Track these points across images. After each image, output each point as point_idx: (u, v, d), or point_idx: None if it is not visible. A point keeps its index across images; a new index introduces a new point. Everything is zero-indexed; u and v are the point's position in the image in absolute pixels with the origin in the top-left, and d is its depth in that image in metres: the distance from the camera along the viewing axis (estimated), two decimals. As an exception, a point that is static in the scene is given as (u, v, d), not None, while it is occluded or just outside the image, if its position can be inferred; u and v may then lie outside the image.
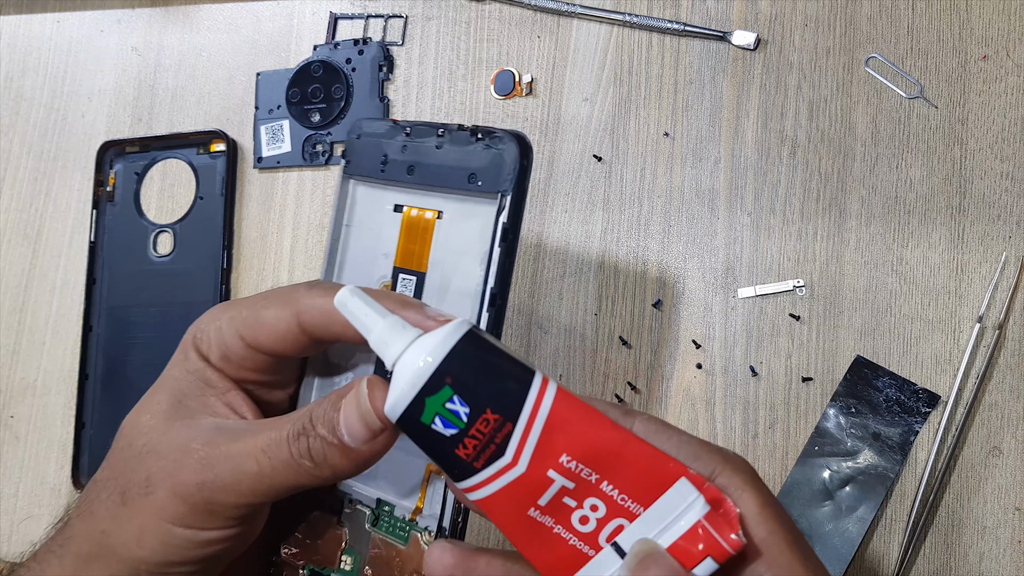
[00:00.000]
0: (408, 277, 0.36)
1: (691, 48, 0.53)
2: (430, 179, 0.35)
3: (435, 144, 0.35)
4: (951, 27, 0.49)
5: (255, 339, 0.33)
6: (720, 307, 0.51)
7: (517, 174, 0.33)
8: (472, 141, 0.34)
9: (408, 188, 0.36)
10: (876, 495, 0.46)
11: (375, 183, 0.37)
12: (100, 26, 0.67)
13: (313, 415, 0.31)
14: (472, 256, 0.34)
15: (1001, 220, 0.47)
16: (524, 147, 0.33)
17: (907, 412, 0.47)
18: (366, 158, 0.37)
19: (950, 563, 0.45)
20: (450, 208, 0.35)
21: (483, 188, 0.33)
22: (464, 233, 0.35)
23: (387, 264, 0.37)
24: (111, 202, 0.64)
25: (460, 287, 0.35)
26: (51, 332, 0.64)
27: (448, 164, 0.34)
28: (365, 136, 0.37)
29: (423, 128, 0.35)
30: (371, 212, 0.37)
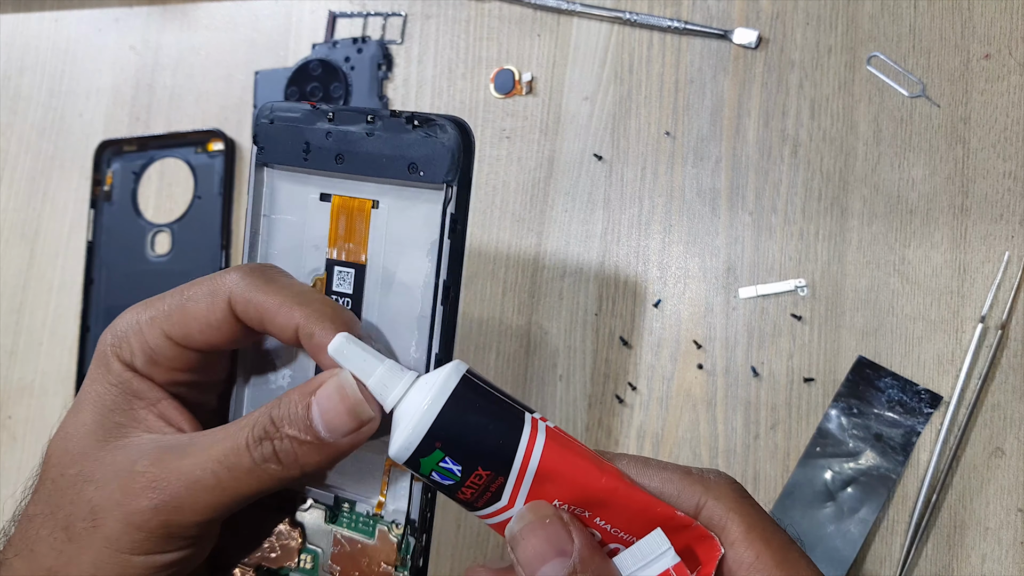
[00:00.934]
0: (345, 270, 0.35)
1: (692, 47, 0.53)
2: (362, 168, 0.33)
3: (364, 131, 0.33)
4: (953, 26, 0.49)
5: (185, 334, 0.31)
6: (721, 307, 0.50)
7: (463, 163, 0.32)
8: (408, 129, 0.32)
9: (335, 177, 0.34)
10: (878, 496, 0.46)
11: (296, 171, 0.35)
12: (98, 25, 0.67)
13: (274, 416, 0.30)
14: (417, 247, 0.33)
15: (1004, 219, 0.47)
16: (467, 134, 0.32)
17: (909, 413, 0.47)
18: (283, 145, 0.34)
19: (952, 564, 0.45)
20: (387, 198, 0.33)
21: (425, 178, 0.32)
22: (405, 224, 0.33)
23: (318, 256, 0.35)
24: (109, 202, 0.63)
25: (406, 280, 0.34)
26: (49, 332, 0.64)
27: (383, 153, 0.33)
28: (280, 121, 0.34)
29: (348, 114, 0.33)
30: (293, 201, 0.35)
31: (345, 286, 0.34)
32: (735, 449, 0.49)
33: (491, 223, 0.56)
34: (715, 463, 0.49)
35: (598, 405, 0.52)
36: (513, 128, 0.56)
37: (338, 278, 0.35)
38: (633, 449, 0.50)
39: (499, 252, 0.55)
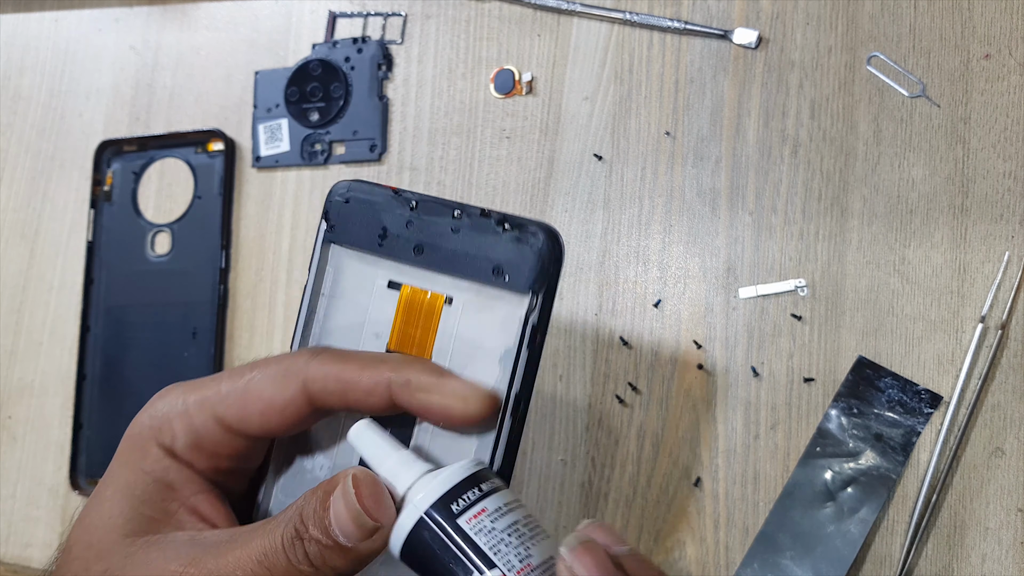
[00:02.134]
0: None
1: (692, 47, 0.53)
2: (442, 264, 0.31)
3: (450, 226, 0.31)
4: (953, 26, 0.49)
5: (242, 417, 0.29)
6: (721, 307, 0.50)
7: (552, 273, 0.30)
8: (498, 231, 0.31)
9: (408, 266, 0.32)
10: (878, 496, 0.46)
11: (367, 254, 0.33)
12: (98, 25, 0.67)
13: (303, 514, 0.28)
14: (488, 352, 0.31)
15: (1004, 220, 0.47)
16: (558, 245, 0.31)
17: (909, 413, 0.47)
18: (358, 226, 0.33)
19: (952, 565, 0.45)
20: (462, 296, 0.32)
21: (510, 284, 0.30)
22: (479, 326, 0.32)
23: (378, 345, 0.33)
24: (109, 202, 0.63)
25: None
26: (48, 332, 0.64)
27: (467, 251, 0.31)
28: (356, 201, 0.33)
29: (434, 205, 0.32)
30: (358, 285, 0.33)
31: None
32: (735, 449, 0.49)
33: (491, 223, 0.56)
34: (715, 463, 0.49)
35: (598, 405, 0.51)
36: (513, 128, 0.56)
37: None
38: (633, 449, 0.50)
39: (499, 252, 0.55)
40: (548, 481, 0.52)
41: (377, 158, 0.58)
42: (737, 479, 0.48)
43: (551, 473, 0.52)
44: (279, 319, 0.59)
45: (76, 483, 0.60)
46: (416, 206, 0.32)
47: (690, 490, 0.49)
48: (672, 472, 0.50)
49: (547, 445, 0.52)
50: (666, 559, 0.49)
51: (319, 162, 0.60)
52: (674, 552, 0.49)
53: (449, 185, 0.57)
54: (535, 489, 0.52)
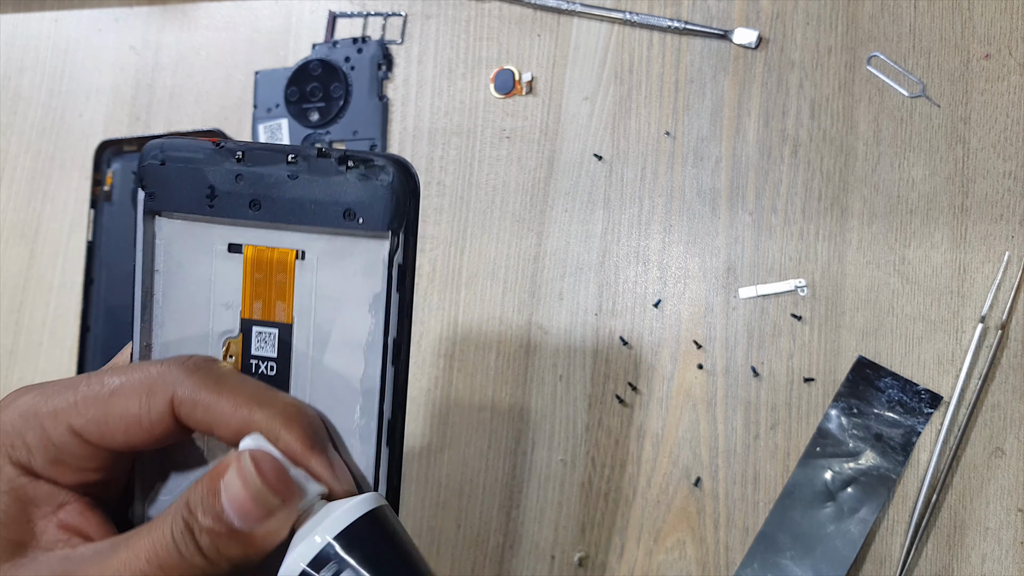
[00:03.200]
0: (266, 330, 0.30)
1: (692, 47, 0.53)
2: (285, 216, 0.29)
3: (286, 173, 0.29)
4: (953, 26, 0.49)
5: (103, 433, 0.27)
6: (721, 307, 0.50)
7: (410, 208, 0.29)
8: (341, 171, 0.28)
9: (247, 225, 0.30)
10: (878, 496, 0.46)
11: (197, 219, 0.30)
12: (98, 25, 0.67)
13: (190, 503, 0.25)
14: (356, 301, 0.29)
15: (1004, 220, 0.47)
16: (411, 176, 0.29)
17: (909, 413, 0.47)
18: (181, 189, 0.29)
19: (952, 565, 0.45)
20: (315, 247, 0.29)
21: (365, 226, 0.28)
22: (340, 276, 0.29)
23: (231, 316, 0.30)
24: (109, 202, 0.63)
25: (345, 338, 0.30)
26: (49, 332, 0.64)
27: (311, 197, 0.29)
28: (174, 162, 0.29)
29: (262, 153, 0.29)
30: (195, 254, 0.30)
31: (268, 349, 0.30)
32: (735, 449, 0.49)
33: (491, 223, 0.56)
34: (715, 463, 0.49)
35: (598, 405, 0.52)
36: (513, 128, 0.56)
37: (258, 340, 0.30)
38: (633, 449, 0.50)
39: (499, 252, 0.55)
40: (548, 481, 0.52)
41: (377, 158, 0.58)
42: (737, 479, 0.49)
43: (551, 473, 0.52)
44: (279, 319, 0.59)
45: (76, 483, 0.60)
46: (243, 156, 0.29)
47: (690, 490, 0.49)
48: (672, 472, 0.50)
49: (547, 445, 0.52)
50: (666, 559, 0.49)
51: (319, 162, 0.60)
52: (674, 552, 0.49)
53: (449, 185, 0.57)
54: (535, 489, 0.52)
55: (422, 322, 0.56)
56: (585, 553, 0.51)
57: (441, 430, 0.54)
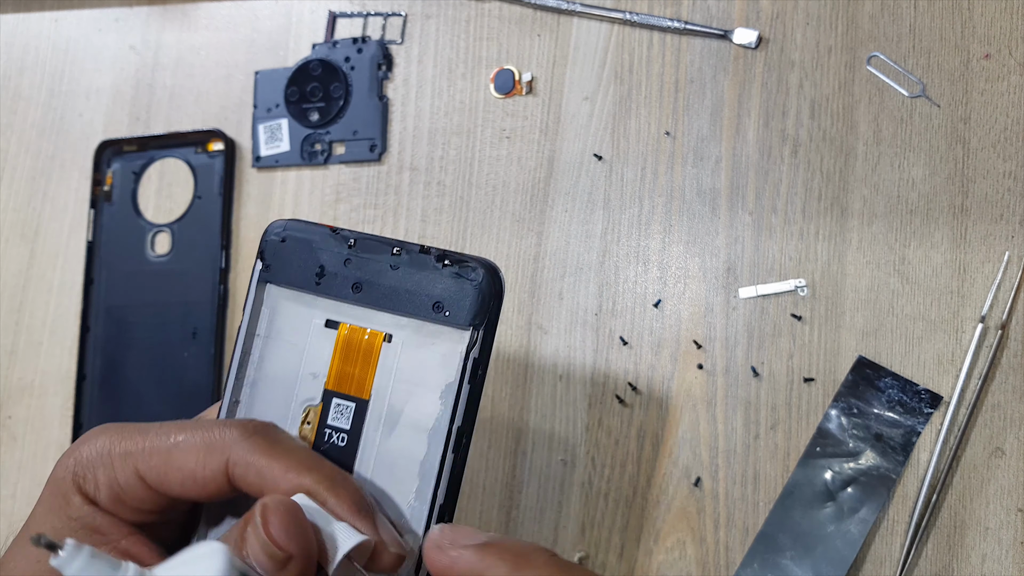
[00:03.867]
0: (344, 403, 0.32)
1: (692, 47, 0.53)
2: (381, 301, 0.31)
3: (389, 263, 0.31)
4: (953, 25, 0.49)
5: (163, 484, 0.28)
6: (721, 307, 0.50)
7: (492, 308, 0.31)
8: (438, 267, 0.31)
9: (346, 303, 0.32)
10: (878, 496, 0.46)
11: (303, 293, 0.33)
12: (98, 25, 0.67)
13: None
14: (429, 387, 0.31)
15: (1004, 219, 0.47)
16: (498, 279, 0.31)
17: (909, 413, 0.47)
18: (294, 265, 0.32)
19: (952, 564, 0.45)
20: (402, 333, 0.32)
21: (450, 319, 0.31)
22: (420, 361, 0.31)
23: (315, 386, 0.32)
24: (109, 202, 0.63)
25: (413, 420, 0.31)
26: (48, 332, 0.64)
27: (407, 288, 0.31)
28: (292, 240, 0.32)
29: (372, 243, 0.32)
30: (295, 325, 0.33)
31: (342, 420, 0.32)
32: (735, 449, 0.49)
33: (491, 223, 0.56)
34: (715, 463, 0.49)
35: (598, 405, 0.51)
36: (513, 128, 0.56)
37: (335, 411, 0.32)
38: (633, 449, 0.50)
39: (499, 252, 0.55)
40: (548, 481, 0.52)
41: (377, 158, 0.58)
42: (737, 479, 0.49)
43: (551, 473, 0.52)
44: (279, 319, 0.59)
45: (76, 483, 0.60)
46: (354, 244, 0.32)
47: (690, 490, 0.49)
48: (672, 472, 0.50)
49: (547, 445, 0.52)
50: (666, 559, 0.49)
51: (319, 162, 0.60)
52: (674, 552, 0.49)
53: (449, 185, 0.57)
54: (535, 489, 0.52)
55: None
56: (585, 553, 0.51)
57: (441, 430, 0.54)
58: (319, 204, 0.59)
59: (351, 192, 0.59)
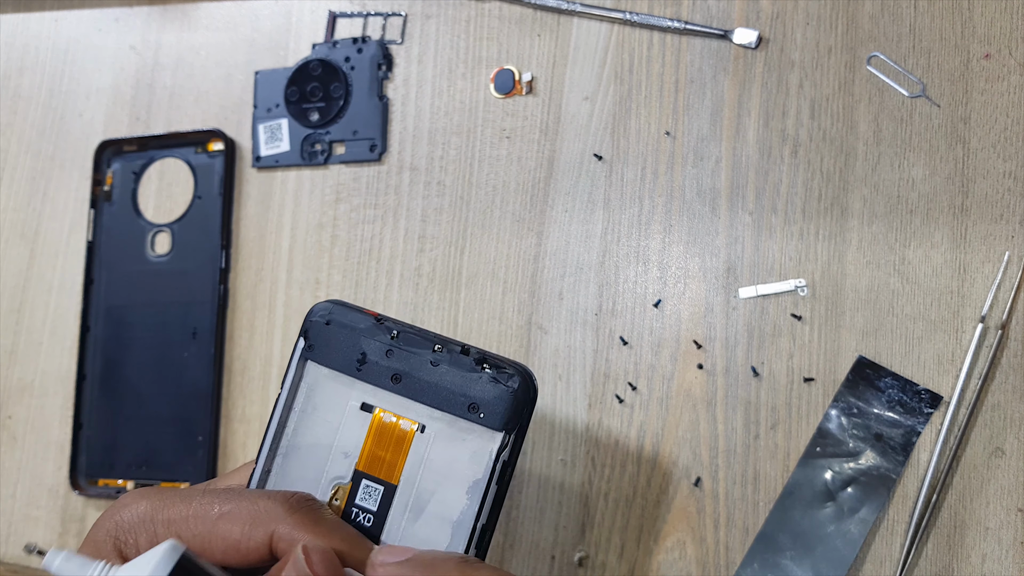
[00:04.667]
0: (374, 485, 0.33)
1: (692, 46, 0.53)
2: (418, 394, 0.33)
3: (430, 360, 0.33)
4: (953, 26, 0.49)
5: (206, 551, 0.29)
6: (721, 307, 0.50)
7: (525, 415, 0.32)
8: (476, 369, 0.32)
9: (384, 391, 0.33)
10: (879, 496, 0.46)
11: (343, 375, 0.34)
12: (98, 25, 0.67)
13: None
14: (457, 482, 0.32)
15: (1004, 219, 0.47)
16: (533, 388, 0.33)
17: (909, 413, 0.47)
18: (337, 349, 0.34)
19: (952, 564, 0.45)
20: (435, 425, 0.33)
21: (484, 421, 0.32)
22: (449, 456, 0.33)
23: (347, 465, 0.33)
24: (109, 202, 0.63)
25: (438, 511, 0.33)
26: (48, 332, 0.64)
27: (444, 385, 0.32)
28: (337, 325, 0.34)
29: (415, 337, 0.33)
30: (332, 404, 0.34)
31: (370, 502, 0.33)
32: (735, 449, 0.49)
33: (491, 223, 0.56)
34: (715, 463, 0.49)
35: (598, 405, 0.52)
36: (513, 128, 0.56)
37: (363, 492, 0.33)
38: (633, 449, 0.50)
39: (499, 252, 0.55)
40: (548, 481, 0.52)
41: (377, 158, 0.58)
42: (737, 479, 0.49)
43: (551, 473, 0.52)
44: (279, 319, 0.59)
45: (76, 483, 0.60)
46: (397, 335, 0.33)
47: (690, 490, 0.49)
48: (672, 472, 0.50)
49: (547, 445, 0.52)
50: (666, 559, 0.49)
51: (319, 162, 0.60)
52: (674, 552, 0.49)
53: (449, 185, 0.57)
54: (535, 489, 0.52)
55: (422, 322, 0.56)
56: (585, 553, 0.51)
57: (441, 430, 0.54)
58: (319, 204, 0.59)
59: (351, 192, 0.59)
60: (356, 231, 0.58)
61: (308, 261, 0.59)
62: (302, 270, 0.59)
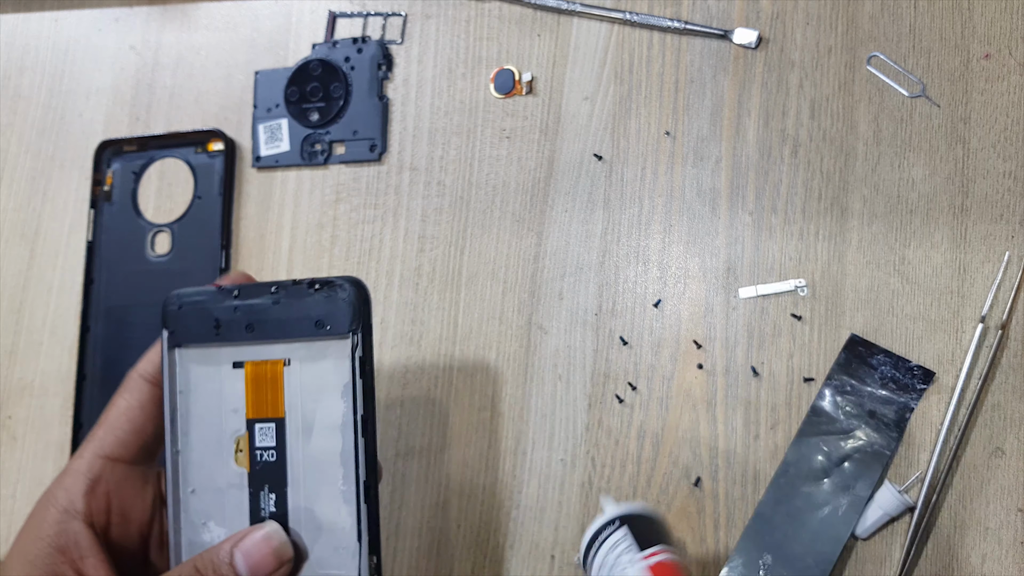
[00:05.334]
0: (265, 425, 0.37)
1: (692, 46, 0.53)
2: (272, 333, 0.37)
3: (271, 301, 0.37)
4: (953, 25, 0.49)
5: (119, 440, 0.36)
6: (721, 307, 0.50)
7: (364, 314, 0.36)
8: (311, 292, 0.36)
9: (245, 345, 0.37)
10: (872, 472, 0.46)
11: (208, 346, 0.38)
12: (98, 25, 0.67)
13: (200, 567, 0.34)
14: (331, 392, 0.36)
15: (1004, 219, 0.47)
16: (363, 289, 0.37)
17: (902, 389, 0.47)
18: (193, 325, 0.38)
19: (952, 564, 0.45)
20: (296, 354, 0.37)
21: (332, 331, 0.36)
22: (317, 374, 0.37)
23: (238, 418, 0.38)
24: (109, 201, 0.63)
25: (326, 421, 0.37)
26: (48, 332, 0.64)
27: (290, 316, 0.37)
28: (187, 305, 0.38)
29: (252, 288, 0.37)
30: (207, 374, 0.38)
31: (268, 440, 0.37)
32: (735, 449, 0.49)
33: (491, 223, 0.56)
34: (715, 463, 0.49)
35: (598, 405, 0.52)
36: (513, 128, 0.56)
37: (260, 434, 0.37)
38: (633, 449, 0.50)
39: (499, 252, 0.55)
40: (548, 481, 0.52)
41: (377, 158, 0.58)
42: (737, 479, 0.49)
43: (551, 473, 0.52)
44: (279, 319, 0.59)
45: (76, 483, 0.60)
46: (238, 293, 0.37)
47: (690, 490, 0.49)
48: (672, 472, 0.50)
49: (547, 445, 0.52)
50: (666, 559, 0.49)
51: (319, 162, 0.60)
52: (674, 552, 0.49)
53: (449, 185, 0.57)
54: (535, 489, 0.52)
55: (422, 322, 0.56)
56: (585, 553, 0.50)
57: (441, 430, 0.54)
58: (319, 204, 0.59)
59: (351, 192, 0.59)
60: (356, 231, 0.58)
61: (308, 261, 0.59)
62: (302, 270, 0.59)
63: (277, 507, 0.37)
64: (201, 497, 0.38)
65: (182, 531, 0.38)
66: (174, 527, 0.38)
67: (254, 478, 0.37)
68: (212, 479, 0.38)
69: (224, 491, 0.38)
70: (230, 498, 0.38)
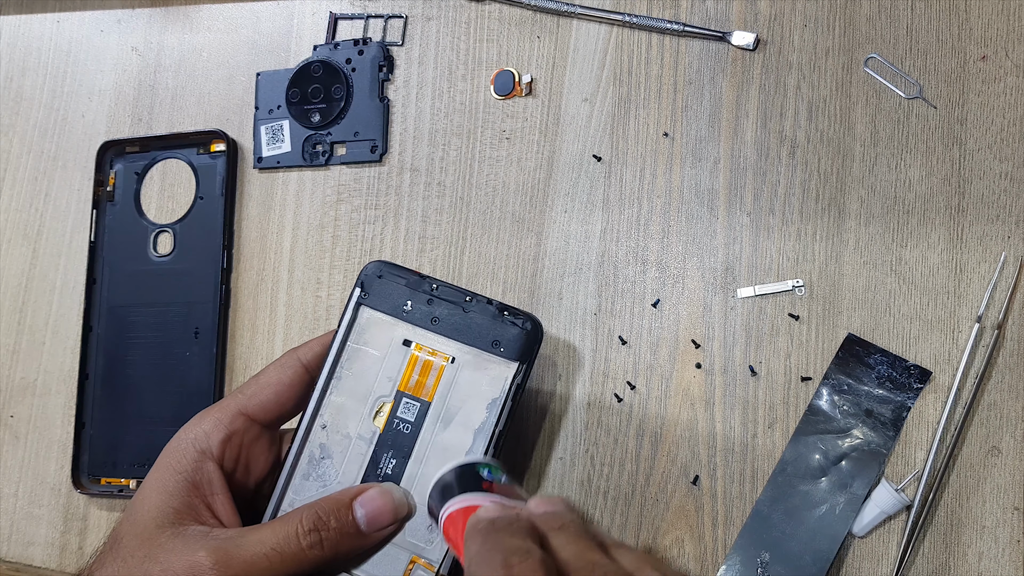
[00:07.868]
0: (412, 402, 0.42)
1: (690, 48, 0.54)
2: (452, 332, 0.42)
3: (462, 307, 0.42)
4: (950, 27, 0.49)
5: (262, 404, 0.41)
6: (719, 307, 0.51)
7: (535, 351, 0.42)
8: (498, 315, 0.42)
9: (424, 330, 0.42)
10: (869, 471, 0.46)
11: (390, 317, 0.43)
12: (100, 26, 0.67)
13: (321, 512, 0.38)
14: (479, 400, 0.41)
15: (1000, 220, 0.47)
16: (541, 331, 0.42)
17: (899, 388, 0.47)
18: (388, 297, 0.43)
19: (949, 562, 0.45)
20: (464, 358, 0.42)
21: (503, 354, 0.41)
22: (474, 380, 0.42)
23: (390, 386, 0.42)
24: (111, 202, 0.64)
25: (464, 421, 0.41)
26: (51, 332, 0.64)
27: (473, 326, 0.42)
28: (388, 278, 0.43)
29: (451, 291, 0.42)
30: (379, 340, 0.43)
31: (409, 415, 0.42)
32: (733, 448, 0.49)
33: (491, 224, 0.56)
34: (713, 461, 0.49)
35: (597, 404, 0.52)
36: (513, 129, 0.56)
37: (403, 407, 0.42)
38: (632, 447, 0.51)
39: (499, 252, 0.55)
40: (547, 479, 0.52)
41: (378, 159, 0.59)
42: (735, 477, 0.49)
43: (550, 471, 0.52)
44: (280, 318, 0.59)
45: (78, 482, 0.60)
46: (436, 288, 0.42)
47: (688, 488, 0.50)
48: (670, 470, 0.50)
49: (546, 443, 0.52)
50: (665, 557, 0.49)
51: (320, 163, 0.60)
52: (673, 550, 0.49)
53: (449, 186, 0.57)
54: (535, 487, 0.52)
55: (422, 322, 0.56)
56: (584, 551, 0.51)
57: (441, 429, 0.54)
58: (320, 205, 0.60)
59: (352, 193, 0.59)
60: (357, 231, 0.59)
61: (309, 261, 0.59)
62: (303, 270, 0.59)
63: (393, 472, 0.41)
64: (329, 435, 0.42)
65: (299, 463, 0.42)
66: (295, 455, 0.42)
67: (383, 440, 0.42)
68: (345, 424, 0.42)
69: (351, 439, 0.42)
70: (354, 447, 0.42)
